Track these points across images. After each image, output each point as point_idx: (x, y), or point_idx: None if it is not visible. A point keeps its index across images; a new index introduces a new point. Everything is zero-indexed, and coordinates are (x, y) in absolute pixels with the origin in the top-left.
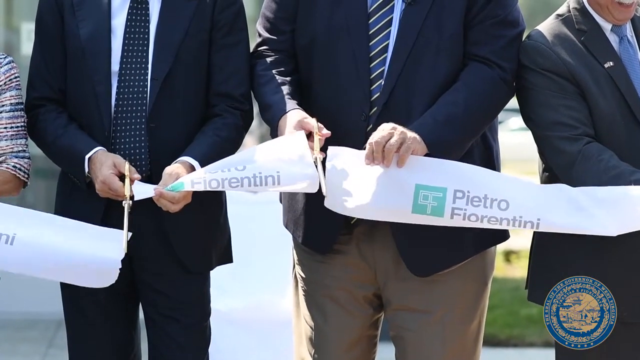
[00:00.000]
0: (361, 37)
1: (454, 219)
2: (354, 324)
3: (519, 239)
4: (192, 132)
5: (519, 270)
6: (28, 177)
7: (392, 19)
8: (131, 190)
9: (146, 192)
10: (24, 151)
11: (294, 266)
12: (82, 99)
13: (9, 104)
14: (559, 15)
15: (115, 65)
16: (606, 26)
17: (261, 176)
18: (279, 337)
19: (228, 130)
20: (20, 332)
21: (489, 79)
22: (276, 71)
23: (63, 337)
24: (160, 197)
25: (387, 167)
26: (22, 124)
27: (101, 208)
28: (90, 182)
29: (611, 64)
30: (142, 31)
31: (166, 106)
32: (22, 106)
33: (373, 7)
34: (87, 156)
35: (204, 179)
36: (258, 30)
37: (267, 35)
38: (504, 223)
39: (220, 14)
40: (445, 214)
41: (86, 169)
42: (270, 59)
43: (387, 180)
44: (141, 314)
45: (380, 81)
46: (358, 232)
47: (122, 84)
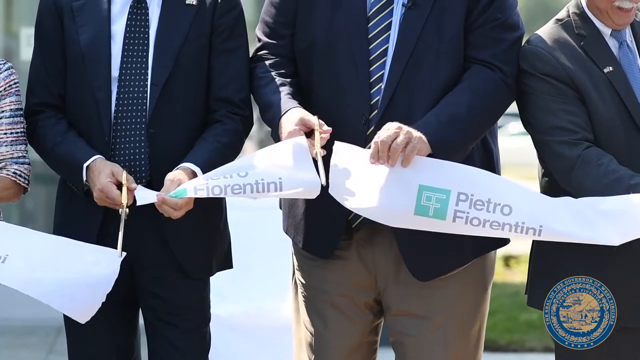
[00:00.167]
0: (361, 40)
1: (455, 223)
2: (354, 329)
3: (518, 243)
4: (192, 137)
5: (518, 275)
6: (28, 183)
7: (391, 22)
8: (128, 198)
9: (148, 198)
10: (24, 157)
11: (293, 272)
12: (82, 104)
13: (9, 109)
14: (558, 20)
15: (115, 71)
16: (606, 31)
17: (263, 182)
18: (279, 343)
19: (228, 136)
20: (20, 338)
21: (492, 81)
22: (276, 73)
23: (63, 343)
24: (163, 204)
25: (392, 167)
26: (21, 129)
27: (100, 216)
28: (88, 190)
29: (610, 69)
30: (142, 36)
31: (166, 111)
32: (21, 112)
33: (372, 11)
34: (85, 164)
35: (207, 186)
36: (257, 35)
37: (267, 39)
38: (506, 228)
39: (220, 19)
40: (447, 217)
41: (84, 177)
42: (269, 62)
43: (390, 180)
44: (141, 320)
45: (380, 84)
46: (358, 238)
47: (122, 89)
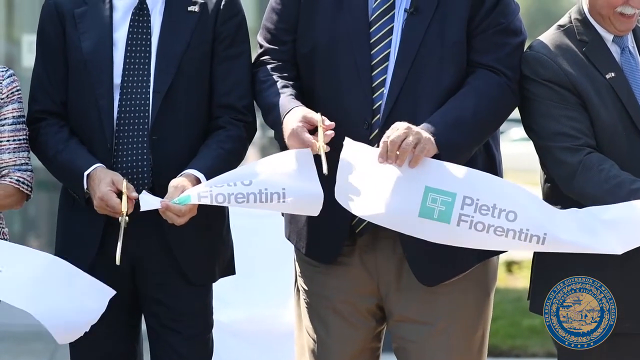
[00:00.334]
0: (362, 45)
1: (460, 227)
2: (356, 336)
3: None
4: (195, 144)
5: (520, 280)
6: (31, 190)
7: (393, 27)
8: (128, 207)
9: (152, 204)
10: (26, 164)
11: (295, 278)
12: (84, 111)
13: (11, 117)
14: (560, 25)
15: (117, 78)
16: (608, 37)
17: (267, 192)
18: (281, 349)
19: (232, 142)
20: (22, 345)
21: (497, 85)
22: (278, 76)
23: (65, 350)
24: (167, 210)
25: (400, 167)
26: (24, 136)
27: (101, 223)
28: (89, 198)
29: (612, 74)
30: (144, 44)
31: (168, 118)
32: (24, 119)
33: (374, 16)
34: (86, 173)
35: (211, 193)
36: (259, 42)
37: (268, 45)
38: (510, 235)
39: (223, 26)
40: (452, 220)
41: (85, 186)
42: (271, 66)
43: (396, 180)
44: (144, 326)
45: (382, 89)
46: (361, 244)
47: (125, 96)
